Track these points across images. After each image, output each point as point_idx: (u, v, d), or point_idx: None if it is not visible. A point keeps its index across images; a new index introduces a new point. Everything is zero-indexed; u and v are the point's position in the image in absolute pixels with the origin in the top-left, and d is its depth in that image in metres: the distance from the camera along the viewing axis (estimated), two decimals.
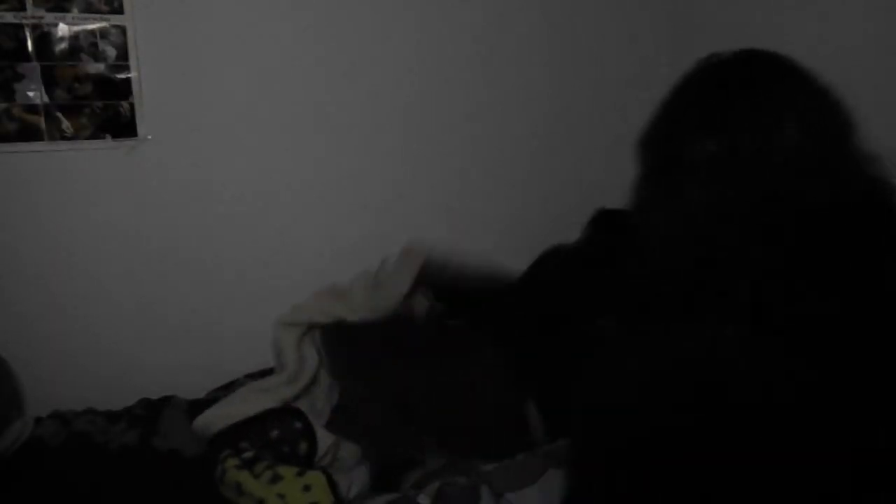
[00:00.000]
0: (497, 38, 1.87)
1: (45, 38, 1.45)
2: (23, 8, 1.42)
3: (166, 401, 1.55)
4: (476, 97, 1.88)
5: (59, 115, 1.48)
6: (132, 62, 1.52)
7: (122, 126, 1.54)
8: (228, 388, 1.62)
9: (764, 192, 0.76)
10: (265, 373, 1.66)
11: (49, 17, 1.44)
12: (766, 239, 0.75)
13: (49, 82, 1.46)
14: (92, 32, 1.48)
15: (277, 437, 1.39)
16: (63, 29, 1.46)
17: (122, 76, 1.52)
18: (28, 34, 1.43)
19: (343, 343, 1.55)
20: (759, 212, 0.77)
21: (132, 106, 1.54)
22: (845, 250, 0.75)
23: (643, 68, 2.05)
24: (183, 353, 1.67)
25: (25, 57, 1.44)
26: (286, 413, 1.45)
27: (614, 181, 2.13)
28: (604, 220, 1.66)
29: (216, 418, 1.42)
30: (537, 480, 1.36)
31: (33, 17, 1.43)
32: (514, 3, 1.87)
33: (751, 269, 0.76)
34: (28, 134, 1.47)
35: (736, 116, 0.79)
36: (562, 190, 2.04)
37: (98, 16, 1.48)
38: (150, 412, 1.51)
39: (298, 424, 1.42)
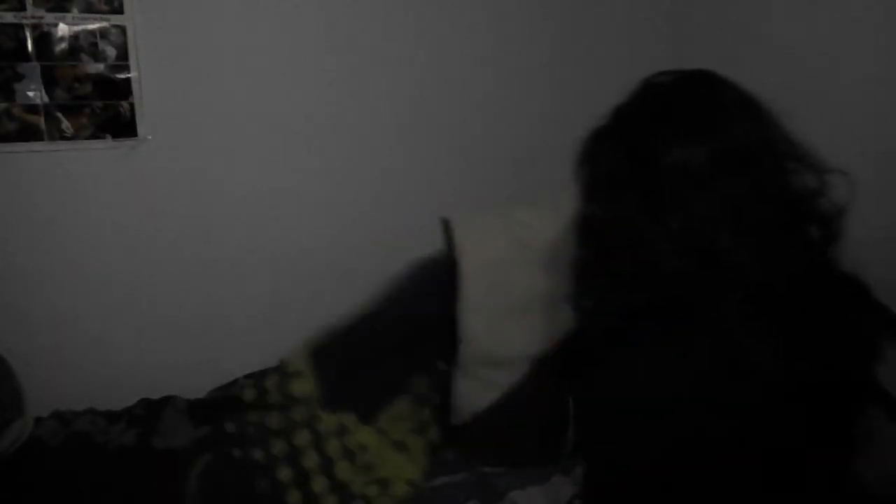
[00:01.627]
0: (497, 38, 1.87)
1: (45, 38, 1.45)
2: (23, 8, 1.42)
3: (166, 401, 1.55)
4: (476, 98, 1.88)
5: (59, 115, 1.48)
6: (132, 62, 1.52)
7: (122, 126, 1.54)
8: (228, 388, 1.62)
9: (756, 187, 0.79)
10: (266, 373, 1.66)
11: (49, 17, 1.44)
12: (761, 231, 0.78)
13: (49, 82, 1.46)
14: (92, 32, 1.48)
15: None
16: (63, 29, 1.46)
17: (122, 76, 1.52)
18: (28, 34, 1.43)
19: None
20: (755, 207, 0.79)
21: (132, 106, 1.54)
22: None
23: (643, 68, 2.04)
24: (183, 353, 1.67)
25: (25, 57, 1.44)
26: None
27: None
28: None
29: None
30: (545, 483, 1.35)
31: (33, 17, 1.43)
32: (514, 3, 1.87)
33: (758, 263, 0.78)
34: (28, 134, 1.47)
35: (720, 120, 0.82)
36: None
37: (98, 16, 1.48)
38: (150, 412, 1.50)
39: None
